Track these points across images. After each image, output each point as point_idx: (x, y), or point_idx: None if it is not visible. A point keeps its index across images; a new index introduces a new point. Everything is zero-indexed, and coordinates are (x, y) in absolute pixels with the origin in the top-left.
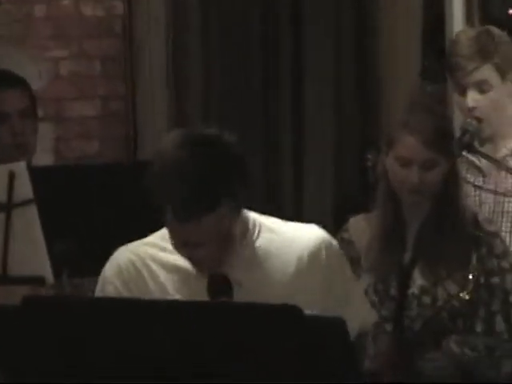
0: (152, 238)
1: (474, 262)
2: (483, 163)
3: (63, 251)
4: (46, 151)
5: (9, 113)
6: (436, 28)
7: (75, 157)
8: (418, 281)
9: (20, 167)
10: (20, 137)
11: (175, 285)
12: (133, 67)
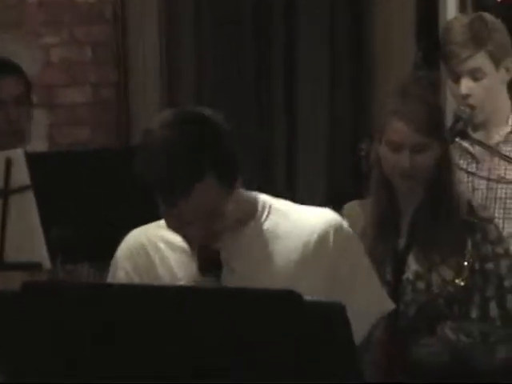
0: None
1: (468, 249)
2: (476, 150)
3: (57, 237)
4: (39, 138)
5: (4, 100)
6: (430, 16)
7: (67, 143)
8: (413, 266)
9: (17, 154)
10: (15, 124)
11: (183, 266)
12: (125, 54)
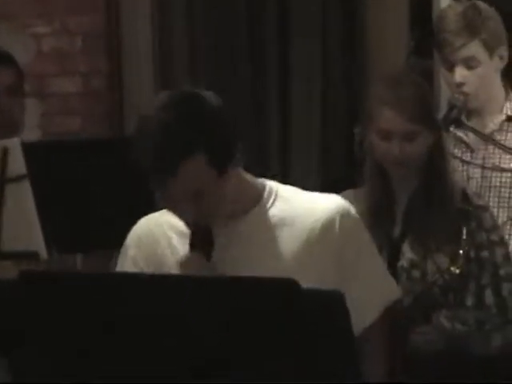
0: None
1: (463, 237)
2: (471, 139)
3: (50, 227)
4: (32, 127)
5: None
6: (423, 5)
7: (58, 133)
8: (408, 254)
9: (13, 143)
10: (9, 114)
11: (187, 251)
12: (118, 43)
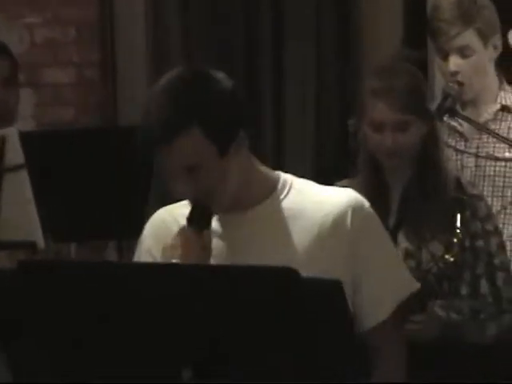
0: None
1: (458, 226)
2: (465, 128)
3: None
4: (26, 117)
5: None
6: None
7: (51, 123)
8: (403, 244)
9: (11, 132)
10: (4, 104)
11: None
12: (111, 33)
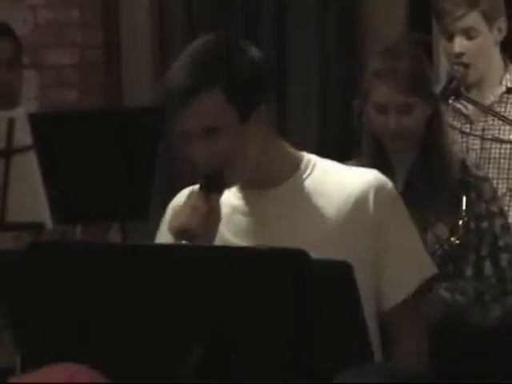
0: None
1: (463, 208)
2: (470, 111)
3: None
4: (29, 99)
5: None
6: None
7: (55, 105)
8: None
9: (20, 114)
10: (9, 86)
11: (223, 218)
12: (115, 14)
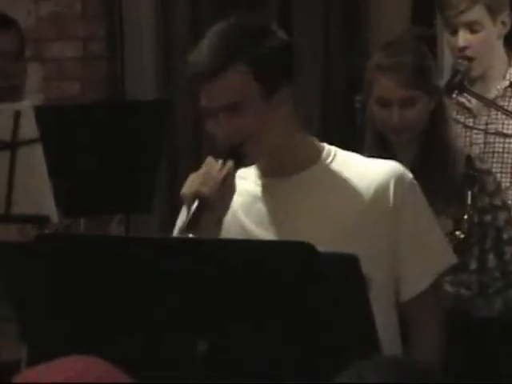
0: None
1: (468, 202)
2: (474, 105)
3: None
4: (33, 92)
5: (2, 53)
6: None
7: (57, 97)
8: None
9: (26, 106)
10: (13, 79)
11: (243, 207)
12: (118, 7)
